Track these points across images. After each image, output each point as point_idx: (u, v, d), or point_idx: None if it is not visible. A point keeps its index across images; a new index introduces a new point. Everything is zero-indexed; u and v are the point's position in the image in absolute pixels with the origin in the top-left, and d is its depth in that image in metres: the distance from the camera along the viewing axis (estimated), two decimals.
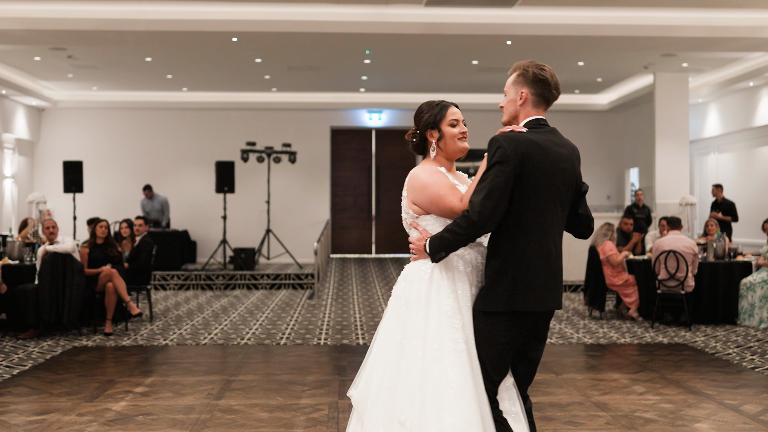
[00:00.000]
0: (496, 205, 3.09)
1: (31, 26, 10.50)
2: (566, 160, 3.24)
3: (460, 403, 3.06)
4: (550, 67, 3.30)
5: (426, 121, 3.42)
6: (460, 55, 13.14)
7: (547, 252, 3.17)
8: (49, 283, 8.82)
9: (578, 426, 5.33)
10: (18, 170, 16.98)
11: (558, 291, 3.22)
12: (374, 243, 18.85)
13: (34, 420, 5.46)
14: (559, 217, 3.24)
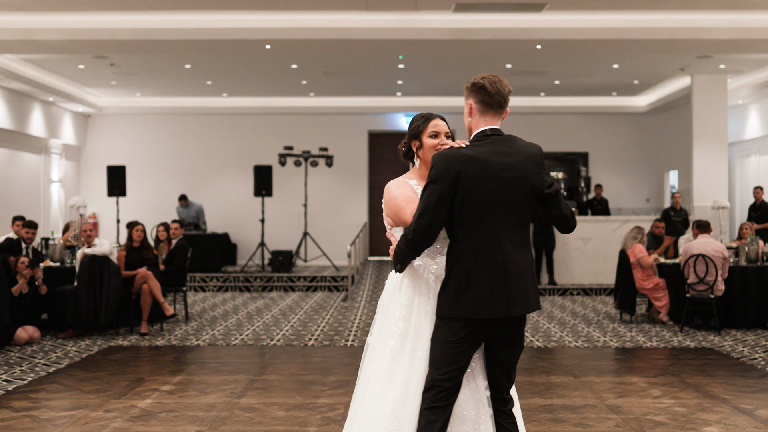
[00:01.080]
0: (429, 223, 3.22)
1: (73, 36, 10.88)
2: (512, 168, 3.29)
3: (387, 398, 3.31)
4: (494, 75, 3.37)
5: (410, 131, 3.56)
6: (493, 59, 13.20)
7: (493, 261, 3.25)
8: (86, 285, 9.15)
9: (587, 428, 5.40)
10: (65, 175, 17.51)
11: (509, 298, 3.25)
12: None
13: (63, 415, 5.73)
14: (513, 225, 3.30)
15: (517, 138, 3.39)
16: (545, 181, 3.34)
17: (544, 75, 14.89)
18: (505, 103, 3.38)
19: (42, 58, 13.18)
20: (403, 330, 3.39)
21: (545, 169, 3.37)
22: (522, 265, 3.31)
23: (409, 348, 3.37)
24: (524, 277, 3.30)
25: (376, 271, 16.48)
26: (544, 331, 9.71)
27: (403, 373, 3.34)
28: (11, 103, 14.78)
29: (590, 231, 14.39)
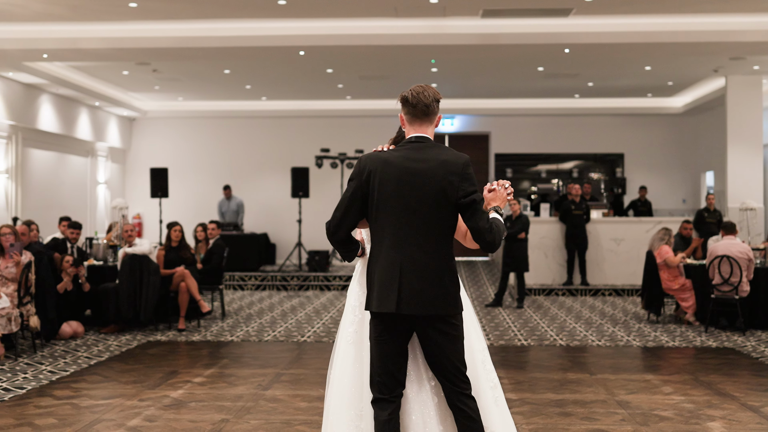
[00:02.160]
0: (342, 215, 3.53)
1: (117, 45, 11.36)
2: (419, 173, 3.44)
3: (340, 386, 3.64)
4: (419, 86, 3.57)
5: (396, 136, 3.84)
6: (524, 62, 13.39)
7: (391, 259, 3.45)
8: (127, 283, 9.60)
9: (593, 421, 5.63)
10: (111, 176, 18.13)
11: (400, 296, 3.40)
12: None
13: (100, 403, 6.13)
14: (419, 227, 3.44)
15: (439, 147, 3.53)
16: (461, 189, 3.43)
17: (577, 77, 15.02)
18: (429, 110, 3.53)
19: (88, 65, 13.74)
20: (360, 318, 3.69)
21: (465, 178, 3.45)
22: (424, 266, 3.43)
23: (365, 336, 3.66)
24: (425, 277, 3.42)
25: None
26: (569, 331, 9.90)
27: (361, 360, 3.64)
28: (60, 108, 15.41)
29: (623, 232, 14.49)
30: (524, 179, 18.84)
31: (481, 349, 3.80)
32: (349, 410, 3.63)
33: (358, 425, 3.62)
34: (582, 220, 14.09)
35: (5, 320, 7.96)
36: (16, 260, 8.16)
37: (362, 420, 3.62)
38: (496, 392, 3.78)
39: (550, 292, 14.02)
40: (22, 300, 8.21)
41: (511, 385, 6.80)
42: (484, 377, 3.74)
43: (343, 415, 3.63)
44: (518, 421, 5.60)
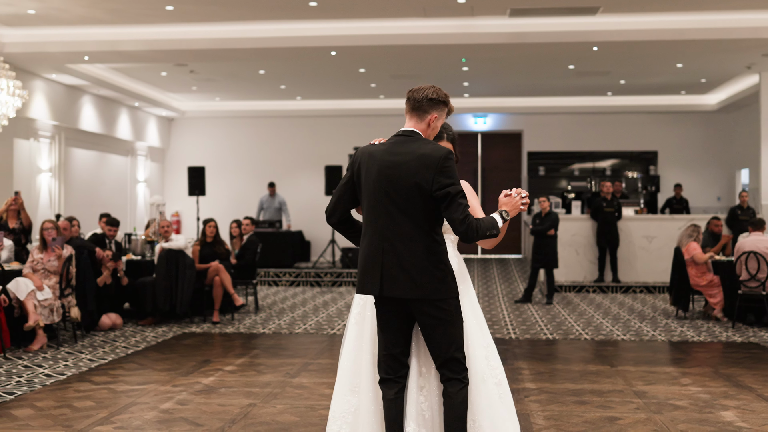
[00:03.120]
0: (335, 202, 3.82)
1: (154, 47, 11.73)
2: (398, 167, 3.62)
3: (341, 362, 3.90)
4: (424, 85, 3.78)
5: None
6: (555, 60, 13.49)
7: (375, 245, 3.67)
8: (163, 277, 9.94)
9: (607, 409, 5.77)
10: (150, 175, 18.59)
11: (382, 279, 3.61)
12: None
13: (135, 388, 6.44)
14: (398, 216, 3.62)
15: (422, 141, 3.68)
16: (436, 182, 3.55)
17: (609, 75, 15.06)
18: (419, 106, 3.70)
19: (128, 67, 14.16)
20: (365, 302, 3.89)
21: (441, 171, 3.56)
22: (405, 252, 3.60)
23: (367, 317, 3.87)
24: (407, 264, 3.59)
25: None
26: (595, 326, 10.01)
27: (360, 339, 3.84)
28: (101, 109, 15.88)
29: (655, 229, 14.50)
30: (557, 177, 18.90)
31: (485, 345, 3.85)
32: (344, 385, 3.85)
33: (349, 400, 3.83)
34: (613, 217, 14.14)
35: (48, 311, 8.34)
36: (57, 254, 8.53)
37: (354, 395, 3.83)
38: (501, 389, 3.81)
39: (581, 289, 14.10)
40: (64, 292, 8.57)
41: (531, 375, 6.96)
42: (488, 373, 3.80)
43: (339, 389, 3.87)
44: (534, 408, 5.78)
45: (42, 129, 14.11)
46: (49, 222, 8.73)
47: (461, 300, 3.79)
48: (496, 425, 3.74)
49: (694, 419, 5.51)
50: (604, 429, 5.27)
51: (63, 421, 5.44)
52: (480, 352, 3.81)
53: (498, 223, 3.64)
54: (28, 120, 13.54)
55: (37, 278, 8.40)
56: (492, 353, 3.86)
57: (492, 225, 3.62)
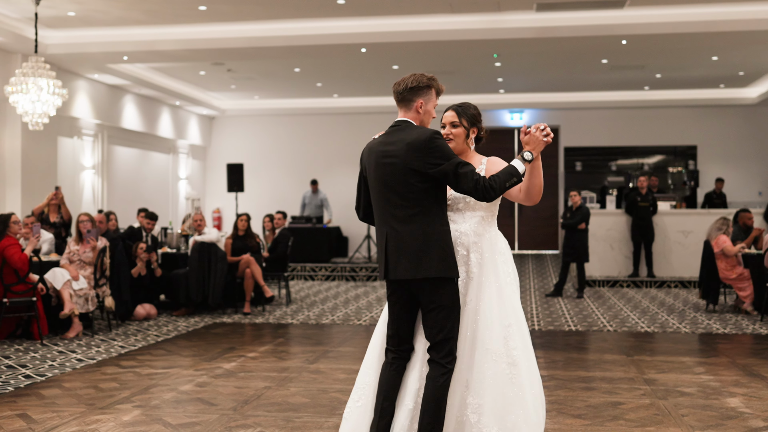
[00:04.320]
0: (357, 197, 4.08)
1: (190, 46, 12.06)
2: (390, 155, 3.80)
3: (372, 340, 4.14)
4: (406, 76, 3.93)
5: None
6: (587, 54, 13.47)
7: (378, 233, 3.90)
8: (196, 268, 10.25)
9: (613, 395, 5.86)
10: (191, 172, 19.02)
11: (388, 264, 3.79)
12: (517, 239, 19.37)
13: (159, 372, 6.72)
14: (397, 203, 3.79)
15: (410, 128, 3.83)
16: (428, 163, 3.70)
17: (644, 69, 14.97)
18: (402, 97, 3.90)
19: (167, 66, 14.55)
20: None
21: (430, 152, 3.70)
22: (405, 237, 3.77)
23: None
24: (406, 246, 3.76)
25: None
26: (621, 318, 10.03)
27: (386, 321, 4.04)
28: (142, 108, 16.32)
29: (691, 224, 14.39)
30: (594, 173, 18.80)
31: (506, 324, 3.86)
32: (369, 360, 4.07)
33: (371, 373, 4.02)
34: (648, 212, 14.08)
35: (83, 300, 8.69)
36: (92, 245, 8.88)
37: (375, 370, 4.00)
38: (515, 370, 3.82)
39: (615, 283, 14.07)
40: (98, 282, 8.93)
41: (545, 363, 7.06)
42: (502, 353, 3.83)
43: (365, 363, 4.08)
44: None
45: (85, 127, 14.58)
46: (85, 215, 9.09)
47: (488, 275, 3.88)
48: (499, 404, 3.78)
49: (697, 405, 5.57)
50: (605, 412, 5.36)
51: (86, 400, 5.73)
52: (497, 331, 3.83)
53: (518, 170, 3.70)
54: (71, 119, 14.01)
55: (73, 269, 8.76)
56: (511, 334, 3.85)
57: (510, 174, 3.69)
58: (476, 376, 3.82)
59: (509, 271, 3.95)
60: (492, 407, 3.77)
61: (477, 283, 3.89)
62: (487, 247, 3.93)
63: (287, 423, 5.10)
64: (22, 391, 6.03)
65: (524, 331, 3.93)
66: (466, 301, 3.89)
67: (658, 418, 5.21)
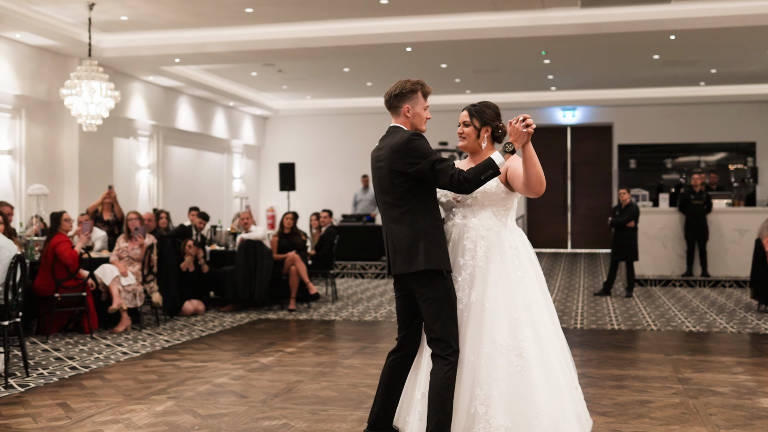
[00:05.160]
0: None
1: (238, 48, 12.31)
2: (380, 160, 4.00)
3: None
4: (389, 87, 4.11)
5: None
6: (638, 50, 13.28)
7: (384, 233, 4.08)
8: (242, 265, 10.46)
9: (643, 393, 5.81)
10: (246, 172, 19.37)
11: (388, 260, 4.02)
12: (570, 238, 19.20)
13: (198, 365, 6.91)
14: (390, 204, 3.98)
15: (396, 133, 4.00)
16: (407, 164, 3.87)
17: (698, 64, 14.69)
18: (389, 104, 4.10)
19: (220, 68, 14.86)
20: None
21: (409, 152, 3.87)
22: (398, 235, 3.94)
23: None
24: (398, 244, 3.93)
25: None
26: (667, 318, 9.89)
27: None
28: (197, 109, 16.70)
29: (747, 222, 14.06)
30: (649, 170, 18.50)
31: (515, 317, 3.90)
32: None
33: None
34: (702, 210, 13.82)
35: (131, 295, 8.97)
36: (139, 242, 9.16)
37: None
38: (523, 362, 3.83)
39: (667, 283, 13.84)
40: (146, 278, 9.20)
41: (579, 361, 7.01)
42: (510, 345, 3.85)
43: None
44: None
45: (141, 128, 15.00)
46: (133, 213, 9.38)
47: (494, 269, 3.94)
48: (508, 396, 3.81)
49: (728, 405, 5.49)
50: (631, 410, 5.33)
51: (125, 390, 5.94)
52: (503, 324, 3.88)
53: (495, 162, 3.79)
54: (127, 120, 14.43)
55: (122, 265, 9.05)
56: (522, 326, 3.87)
57: (487, 167, 3.79)
58: (484, 368, 3.86)
59: (519, 265, 3.98)
60: (500, 398, 3.81)
61: (482, 277, 3.96)
62: (495, 241, 3.99)
63: (312, 416, 5.21)
64: (66, 381, 6.28)
65: (538, 325, 3.94)
66: (472, 294, 3.96)
67: (684, 416, 5.16)
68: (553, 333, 3.99)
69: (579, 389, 4.11)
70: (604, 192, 18.80)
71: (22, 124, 11.80)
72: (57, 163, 12.47)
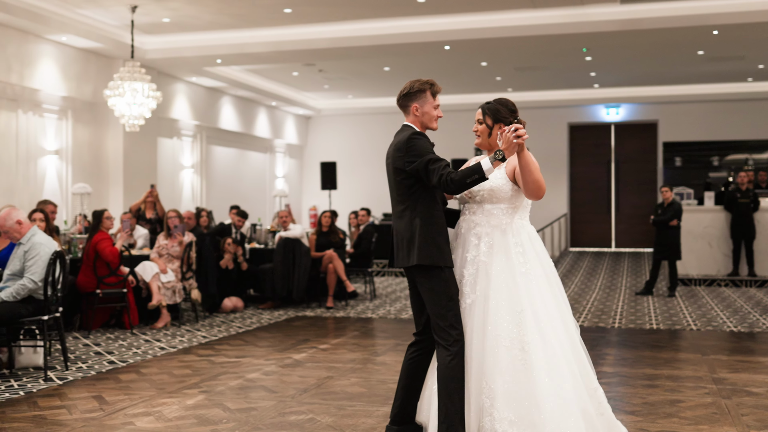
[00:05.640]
0: None
1: (278, 48, 12.43)
2: (388, 157, 4.18)
3: None
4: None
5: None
6: (679, 46, 13.08)
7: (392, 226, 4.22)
8: (281, 263, 10.57)
9: (675, 393, 5.73)
10: (288, 171, 19.54)
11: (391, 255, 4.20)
12: (614, 237, 18.96)
13: (232, 360, 7.01)
14: (394, 201, 4.15)
15: (402, 131, 4.15)
16: (406, 162, 4.02)
17: (744, 60, 14.40)
18: (399, 104, 4.25)
19: (262, 68, 15.02)
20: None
21: (407, 151, 4.02)
22: (400, 230, 4.10)
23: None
24: (401, 238, 4.08)
25: (572, 262, 16.75)
26: (709, 318, 9.73)
27: None
28: (240, 109, 16.90)
29: None
30: (695, 168, 18.18)
31: (518, 311, 3.93)
32: None
33: None
34: (748, 208, 13.55)
35: (170, 292, 9.14)
36: (178, 240, 9.32)
37: None
38: (526, 356, 3.86)
39: (712, 282, 13.60)
40: (185, 275, 9.36)
41: (614, 360, 6.97)
42: (512, 338, 3.89)
43: None
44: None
45: (184, 128, 15.24)
46: (173, 212, 9.55)
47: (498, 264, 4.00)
48: (511, 389, 3.84)
49: (762, 405, 5.38)
50: (660, 410, 5.26)
51: (158, 384, 6.06)
52: (506, 317, 3.92)
53: (482, 168, 3.84)
54: (171, 120, 14.67)
55: (161, 262, 9.22)
56: (526, 320, 3.90)
57: (473, 171, 3.86)
58: (488, 361, 3.92)
59: (524, 261, 4.01)
60: (504, 392, 3.85)
61: (486, 271, 4.03)
62: (499, 237, 4.05)
63: (339, 411, 5.26)
64: (103, 375, 6.43)
65: (543, 320, 3.95)
66: (476, 289, 4.02)
67: (715, 416, 5.08)
68: (560, 329, 3.99)
69: (599, 390, 4.07)
70: (649, 190, 18.53)
71: (69, 124, 12.09)
72: (102, 163, 12.75)
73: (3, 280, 6.45)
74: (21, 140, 11.16)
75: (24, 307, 6.31)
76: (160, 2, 10.65)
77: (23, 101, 11.20)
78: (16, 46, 10.72)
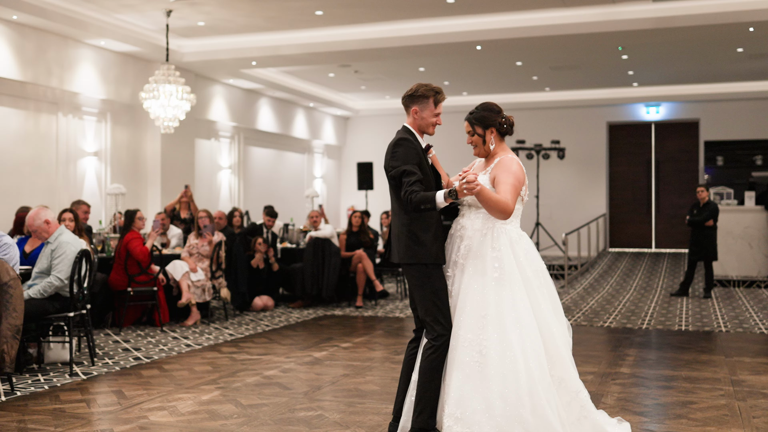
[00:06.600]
0: None
1: (311, 49, 12.56)
2: (385, 157, 4.29)
3: None
4: None
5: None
6: (717, 44, 12.87)
7: None
8: (311, 263, 10.70)
9: (689, 394, 5.68)
10: (326, 171, 19.70)
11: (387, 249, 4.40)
12: (654, 237, 18.71)
13: (253, 358, 7.14)
14: (392, 198, 4.31)
15: (397, 132, 4.23)
16: (390, 167, 4.17)
17: None
18: (403, 105, 4.31)
19: (298, 70, 15.18)
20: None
21: (392, 157, 4.15)
22: (393, 228, 4.30)
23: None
24: (393, 235, 4.27)
25: (610, 262, 16.57)
26: (741, 319, 9.58)
27: None
28: (277, 110, 17.10)
29: None
30: (737, 167, 17.82)
31: (482, 315, 3.98)
32: None
33: None
34: None
35: (200, 290, 9.32)
36: (208, 239, 9.50)
37: None
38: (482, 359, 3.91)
39: (752, 284, 13.36)
40: (215, 274, 9.53)
41: (633, 361, 6.92)
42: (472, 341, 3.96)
43: None
44: (613, 390, 5.80)
45: (222, 130, 15.48)
46: (203, 212, 9.73)
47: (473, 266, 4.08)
48: (462, 389, 3.94)
49: None
50: (670, 411, 5.23)
51: (178, 380, 6.21)
52: (471, 320, 4.01)
53: (434, 198, 3.93)
54: (208, 122, 14.93)
55: (191, 261, 9.41)
56: (489, 325, 3.95)
57: (425, 200, 3.96)
58: (449, 359, 4.07)
59: (498, 267, 4.04)
60: (455, 388, 3.97)
61: (461, 272, 4.15)
62: (478, 241, 4.13)
63: (348, 408, 5.33)
64: (126, 371, 6.61)
65: (509, 327, 3.96)
66: (453, 289, 4.17)
67: (725, 418, 5.03)
68: (531, 336, 3.97)
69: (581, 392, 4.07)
70: (690, 190, 18.20)
71: (108, 127, 12.39)
72: (140, 164, 13.03)
73: (32, 277, 6.67)
74: (61, 142, 11.48)
75: (51, 304, 6.51)
76: (194, 6, 10.86)
77: (63, 104, 11.52)
78: (55, 51, 11.03)
